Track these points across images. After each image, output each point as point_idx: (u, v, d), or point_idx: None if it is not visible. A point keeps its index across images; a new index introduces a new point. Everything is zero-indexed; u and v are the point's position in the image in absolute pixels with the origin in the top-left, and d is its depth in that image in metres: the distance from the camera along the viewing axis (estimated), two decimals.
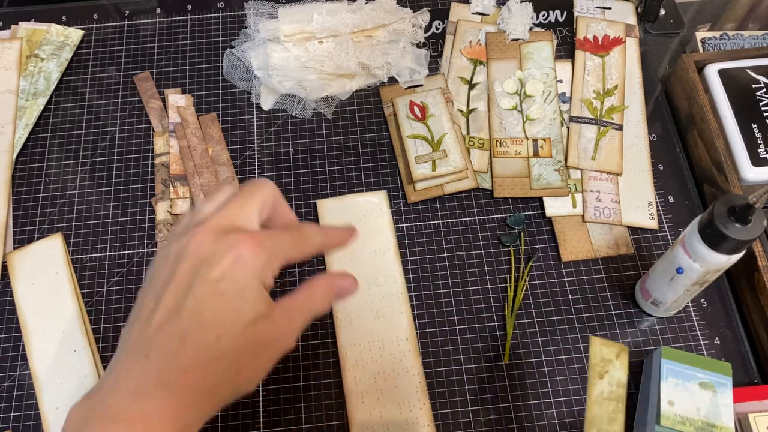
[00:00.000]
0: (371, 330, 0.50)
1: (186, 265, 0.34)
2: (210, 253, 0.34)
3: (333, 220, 0.55)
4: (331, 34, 0.61)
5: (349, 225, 0.42)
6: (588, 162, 0.57)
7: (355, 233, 0.42)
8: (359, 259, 0.53)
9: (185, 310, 0.32)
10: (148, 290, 0.35)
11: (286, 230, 0.38)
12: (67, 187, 0.57)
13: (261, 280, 0.34)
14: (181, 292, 0.33)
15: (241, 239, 0.34)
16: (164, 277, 0.34)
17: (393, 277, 0.52)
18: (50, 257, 0.53)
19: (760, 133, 0.55)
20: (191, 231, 0.35)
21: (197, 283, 0.33)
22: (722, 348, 0.50)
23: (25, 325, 0.50)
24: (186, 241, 0.35)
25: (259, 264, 0.34)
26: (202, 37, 0.65)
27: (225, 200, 0.39)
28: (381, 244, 0.53)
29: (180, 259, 0.34)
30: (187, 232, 0.36)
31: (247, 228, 0.36)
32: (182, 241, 0.35)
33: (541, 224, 0.55)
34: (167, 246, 0.37)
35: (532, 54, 0.61)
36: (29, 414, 0.48)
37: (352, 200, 0.56)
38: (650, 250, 0.54)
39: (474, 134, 0.59)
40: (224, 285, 0.33)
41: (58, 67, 0.62)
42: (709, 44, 0.63)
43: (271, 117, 0.60)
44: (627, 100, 0.60)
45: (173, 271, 0.34)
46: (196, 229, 0.35)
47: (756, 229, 0.39)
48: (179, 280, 0.34)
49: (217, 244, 0.34)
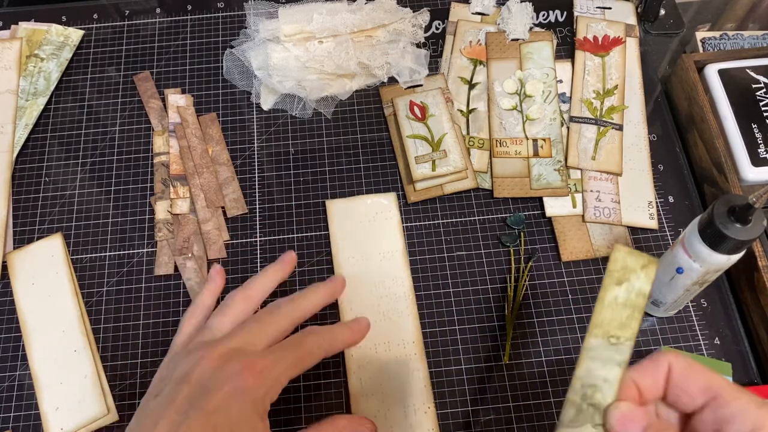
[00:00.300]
0: (377, 332, 0.49)
1: (186, 390, 0.35)
2: (210, 382, 0.35)
3: (342, 221, 0.54)
4: (331, 34, 0.61)
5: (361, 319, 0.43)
6: (588, 162, 0.57)
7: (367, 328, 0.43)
8: (368, 261, 0.53)
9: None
10: (150, 406, 0.36)
11: (289, 348, 0.38)
12: (67, 187, 0.57)
13: (258, 410, 0.35)
14: (177, 422, 0.34)
15: (241, 371, 0.35)
16: (167, 397, 0.35)
17: (401, 279, 0.52)
18: (50, 257, 0.53)
19: (760, 133, 0.55)
20: (200, 352, 0.37)
21: (193, 411, 0.34)
22: (722, 348, 0.50)
23: (25, 325, 0.50)
24: (193, 364, 0.36)
25: (258, 395, 0.35)
26: (202, 37, 0.65)
27: (237, 318, 0.40)
28: (390, 246, 0.53)
29: (182, 382, 0.36)
30: (197, 351, 0.37)
31: (253, 350, 0.37)
32: (190, 362, 0.36)
33: (541, 224, 0.55)
34: (176, 361, 0.38)
35: (532, 54, 0.61)
36: (29, 414, 0.48)
37: (361, 201, 0.55)
38: (650, 250, 0.54)
39: (474, 134, 0.59)
40: (218, 417, 0.34)
41: (58, 67, 0.62)
42: (709, 44, 0.63)
43: (271, 117, 0.60)
44: (627, 100, 0.60)
45: (175, 395, 0.35)
46: (203, 353, 0.37)
47: (756, 229, 0.39)
48: (177, 406, 0.35)
49: (218, 373, 0.35)
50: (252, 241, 0.54)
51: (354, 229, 0.54)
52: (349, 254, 0.53)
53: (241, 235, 0.55)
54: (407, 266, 0.53)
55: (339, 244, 0.53)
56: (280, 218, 0.55)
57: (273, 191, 0.57)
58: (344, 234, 0.54)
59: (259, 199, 0.56)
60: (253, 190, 0.57)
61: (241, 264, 0.53)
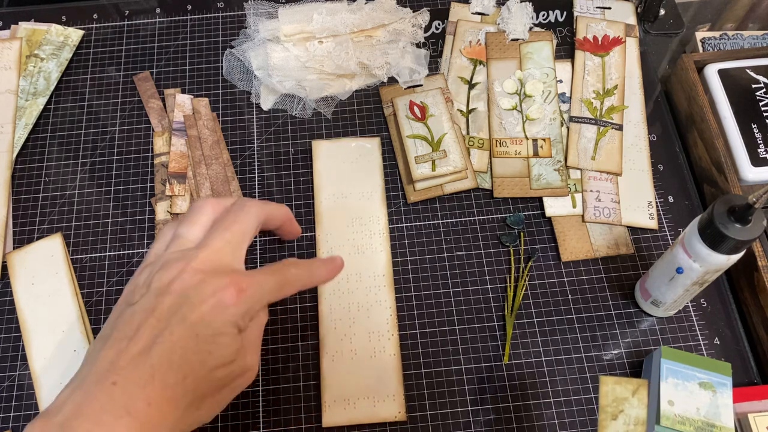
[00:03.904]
0: (350, 264, 0.53)
1: (168, 301, 0.35)
2: (193, 294, 0.35)
3: (326, 161, 0.57)
4: (331, 34, 0.61)
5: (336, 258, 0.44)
6: (588, 162, 0.57)
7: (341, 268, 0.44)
8: (347, 200, 0.56)
9: (158, 346, 0.34)
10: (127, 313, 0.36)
11: (271, 274, 0.39)
12: (67, 187, 0.57)
13: (237, 325, 0.36)
14: (158, 328, 0.34)
15: (225, 285, 0.36)
16: (146, 305, 0.35)
17: (377, 218, 0.55)
18: (50, 257, 0.53)
19: (760, 133, 0.55)
20: (180, 264, 0.36)
21: (175, 321, 0.34)
22: (722, 348, 0.50)
23: (25, 325, 0.50)
24: (174, 275, 0.36)
25: (238, 312, 0.36)
26: (202, 37, 0.65)
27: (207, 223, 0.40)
28: (369, 187, 0.56)
29: (164, 292, 0.36)
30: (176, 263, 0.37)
31: (234, 267, 0.38)
32: (170, 273, 0.36)
33: (540, 224, 0.55)
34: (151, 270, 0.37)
35: (532, 54, 0.61)
36: (29, 414, 0.48)
37: (346, 144, 0.58)
38: (650, 250, 0.54)
39: (474, 134, 0.59)
40: (200, 328, 0.34)
41: (57, 67, 0.62)
42: (709, 44, 0.63)
43: (271, 117, 0.60)
44: (627, 100, 0.60)
45: (156, 304, 0.35)
46: (183, 264, 0.36)
47: (756, 229, 0.39)
48: (159, 315, 0.35)
49: (202, 286, 0.36)
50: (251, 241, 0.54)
51: (338, 168, 0.57)
52: (330, 192, 0.56)
53: None
54: (384, 206, 0.56)
55: (322, 183, 0.57)
56: None
57: (273, 191, 0.57)
58: (327, 172, 0.57)
59: (258, 199, 0.56)
60: (253, 190, 0.57)
61: None
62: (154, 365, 0.33)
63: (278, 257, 0.54)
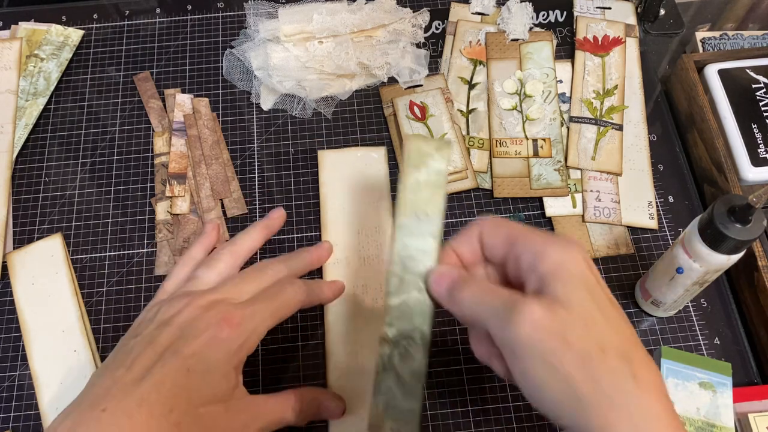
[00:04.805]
0: (357, 274, 0.52)
1: (168, 333, 0.37)
2: (190, 329, 0.36)
3: (332, 172, 0.57)
4: (331, 34, 0.61)
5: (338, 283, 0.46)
6: (588, 162, 0.57)
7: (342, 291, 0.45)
8: (353, 210, 0.55)
9: (150, 377, 0.34)
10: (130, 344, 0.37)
11: (268, 300, 0.40)
12: (67, 187, 0.57)
13: (233, 361, 0.37)
14: (153, 360, 0.35)
15: (220, 321, 0.37)
16: (147, 337, 0.37)
17: (383, 229, 0.54)
18: (50, 257, 0.53)
19: (760, 133, 0.55)
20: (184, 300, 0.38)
21: (169, 354, 0.36)
22: (722, 348, 0.50)
23: (25, 325, 0.50)
24: (177, 310, 0.38)
25: (233, 346, 0.37)
26: (202, 37, 0.65)
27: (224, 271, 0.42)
28: (375, 198, 0.55)
29: (164, 325, 0.37)
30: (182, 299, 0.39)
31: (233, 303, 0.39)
32: (174, 308, 0.38)
33: (541, 224, 0.55)
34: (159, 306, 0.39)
35: (532, 54, 0.61)
36: (29, 414, 0.48)
37: (352, 153, 0.58)
38: (650, 250, 0.54)
39: (474, 134, 0.59)
40: (193, 362, 0.35)
41: (57, 67, 0.62)
42: (709, 44, 0.63)
43: (271, 117, 0.60)
44: (627, 100, 0.60)
45: (155, 336, 0.37)
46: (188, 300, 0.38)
47: (756, 229, 0.39)
48: (156, 347, 0.36)
49: (199, 321, 0.37)
50: None
51: (344, 178, 0.57)
52: (336, 203, 0.55)
53: None
54: (390, 216, 0.55)
55: (327, 193, 0.56)
56: None
57: (273, 191, 0.57)
58: (333, 183, 0.57)
59: (259, 199, 0.56)
60: (253, 190, 0.57)
61: None
62: (143, 395, 0.34)
63: None
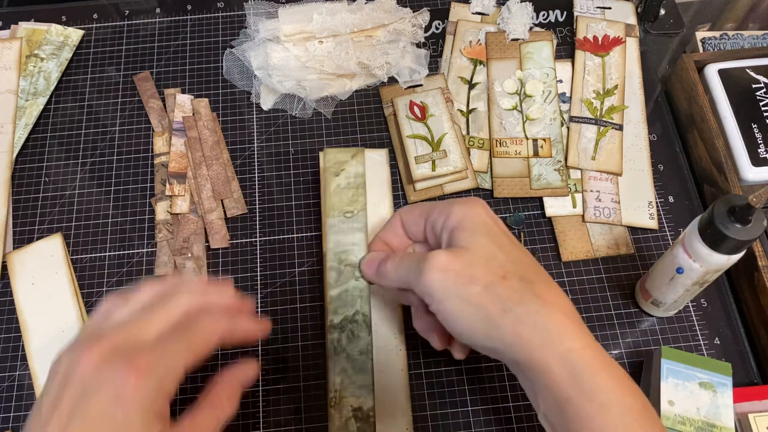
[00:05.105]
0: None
1: (69, 392, 0.33)
2: (90, 384, 0.33)
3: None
4: (331, 34, 0.61)
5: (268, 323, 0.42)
6: (588, 162, 0.57)
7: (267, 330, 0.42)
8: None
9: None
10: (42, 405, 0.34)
11: (181, 335, 0.36)
12: (67, 187, 0.57)
13: (149, 411, 0.33)
14: (60, 427, 0.32)
15: (123, 371, 0.33)
16: (52, 397, 0.33)
17: None
18: (50, 257, 0.53)
19: (760, 133, 0.55)
20: (84, 346, 0.34)
21: (76, 418, 0.32)
22: (722, 348, 0.50)
23: (25, 325, 0.50)
24: (74, 361, 0.34)
25: (144, 395, 0.33)
26: (202, 37, 0.65)
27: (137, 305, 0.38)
28: (377, 200, 0.54)
29: (66, 381, 0.33)
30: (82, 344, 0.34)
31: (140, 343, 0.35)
32: (73, 357, 0.34)
33: (541, 224, 0.55)
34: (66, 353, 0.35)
35: (532, 54, 0.61)
36: (29, 414, 0.48)
37: None
38: (650, 250, 0.54)
39: (474, 134, 0.59)
40: (103, 425, 0.32)
41: (57, 67, 0.62)
42: (709, 44, 0.63)
43: (271, 117, 0.60)
44: (627, 100, 0.60)
45: (59, 397, 0.33)
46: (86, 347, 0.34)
47: (756, 229, 0.39)
48: (62, 411, 0.33)
49: (99, 374, 0.33)
50: (252, 241, 0.54)
51: None
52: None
53: (241, 235, 0.55)
54: None
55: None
56: (279, 218, 0.55)
57: (273, 191, 0.57)
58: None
59: (258, 199, 0.56)
60: (253, 190, 0.57)
61: (241, 264, 0.53)
62: None
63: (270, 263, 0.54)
